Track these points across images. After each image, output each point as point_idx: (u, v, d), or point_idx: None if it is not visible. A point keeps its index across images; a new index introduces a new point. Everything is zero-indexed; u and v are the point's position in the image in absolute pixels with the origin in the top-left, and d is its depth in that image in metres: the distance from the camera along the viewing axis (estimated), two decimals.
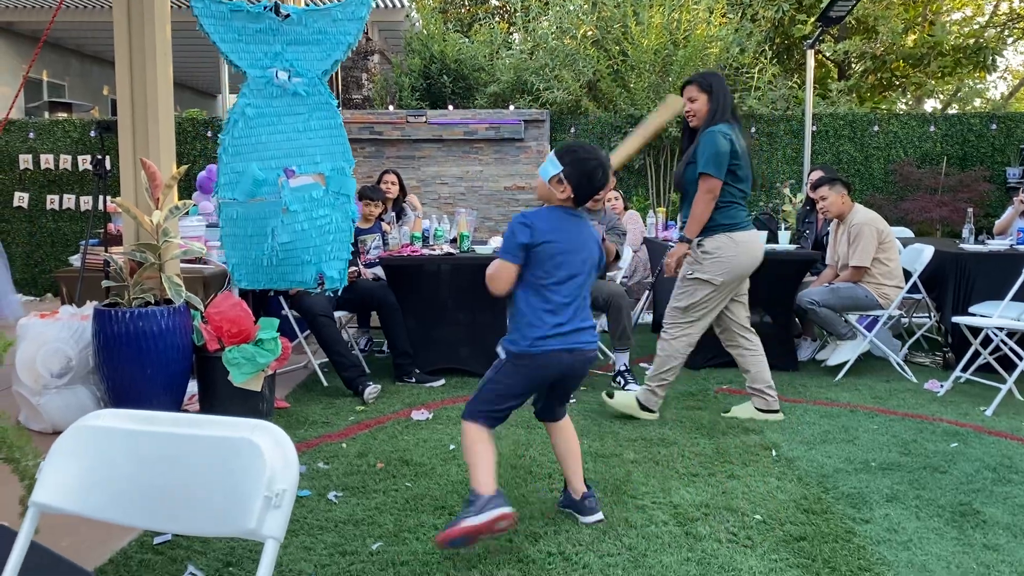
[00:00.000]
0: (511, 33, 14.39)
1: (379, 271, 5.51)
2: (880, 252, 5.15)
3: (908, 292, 5.32)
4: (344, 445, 3.85)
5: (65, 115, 9.89)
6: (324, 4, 3.99)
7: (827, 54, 14.19)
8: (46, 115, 10.34)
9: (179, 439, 1.28)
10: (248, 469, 1.21)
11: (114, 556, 2.65)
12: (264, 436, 1.24)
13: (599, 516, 2.92)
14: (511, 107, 9.35)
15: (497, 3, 19.71)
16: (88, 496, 1.28)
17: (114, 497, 1.27)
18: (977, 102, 17.66)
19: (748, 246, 4.09)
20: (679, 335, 4.21)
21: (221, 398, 3.98)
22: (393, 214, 6.24)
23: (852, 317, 5.24)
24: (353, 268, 5.30)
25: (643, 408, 4.26)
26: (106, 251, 4.39)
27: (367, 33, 9.83)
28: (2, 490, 2.41)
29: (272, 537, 1.18)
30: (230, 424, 1.28)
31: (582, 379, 2.96)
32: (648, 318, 7.01)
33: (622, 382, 4.94)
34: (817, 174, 6.01)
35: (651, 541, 2.78)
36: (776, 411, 4.28)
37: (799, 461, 3.61)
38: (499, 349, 2.79)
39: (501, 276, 2.71)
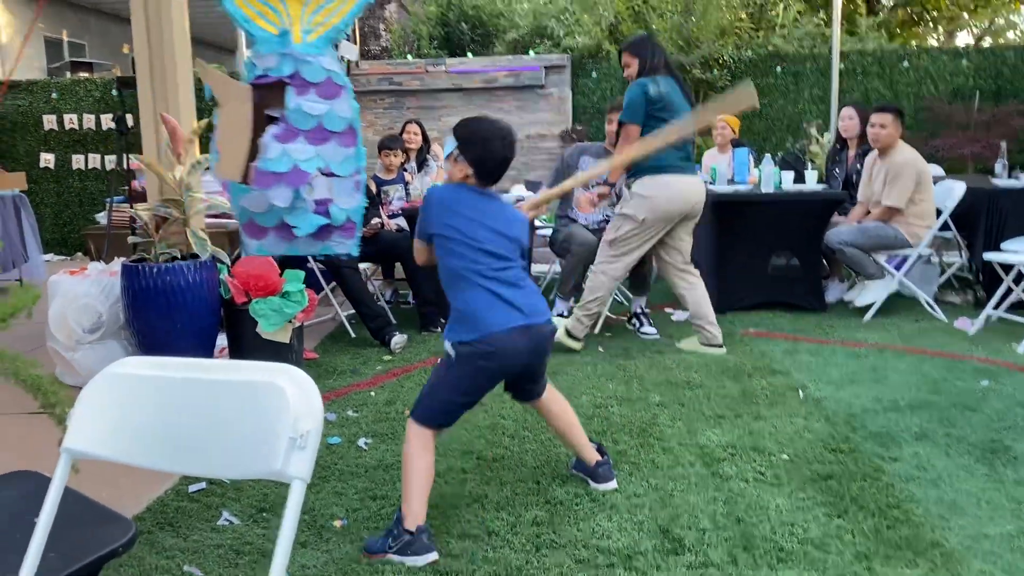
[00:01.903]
0: None
1: (402, 222, 5.51)
2: (915, 192, 5.04)
3: (939, 230, 5.22)
4: (372, 393, 3.89)
5: (87, 74, 9.90)
6: None
7: None
8: (68, 75, 10.35)
9: (204, 384, 1.30)
10: (272, 411, 1.22)
11: (151, 504, 2.72)
12: (287, 379, 1.25)
13: (613, 484, 2.76)
14: (531, 53, 9.22)
15: None
16: (117, 441, 1.30)
17: (142, 442, 1.29)
18: (1011, 35, 17.10)
19: (674, 188, 4.28)
20: (604, 268, 4.45)
21: (250, 350, 4.02)
22: (415, 164, 6.21)
23: (881, 257, 5.17)
24: (376, 220, 5.31)
25: (570, 336, 4.49)
26: (131, 208, 4.42)
27: None
28: (38, 441, 2.46)
29: (298, 477, 1.20)
30: (253, 368, 1.29)
31: (544, 357, 2.64)
32: None
33: (637, 324, 4.94)
34: (849, 111, 5.86)
35: (678, 481, 2.80)
36: (719, 346, 4.43)
37: (826, 401, 3.59)
38: (446, 344, 2.48)
39: (419, 252, 2.62)
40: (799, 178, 5.50)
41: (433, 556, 2.31)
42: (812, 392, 3.72)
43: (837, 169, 5.98)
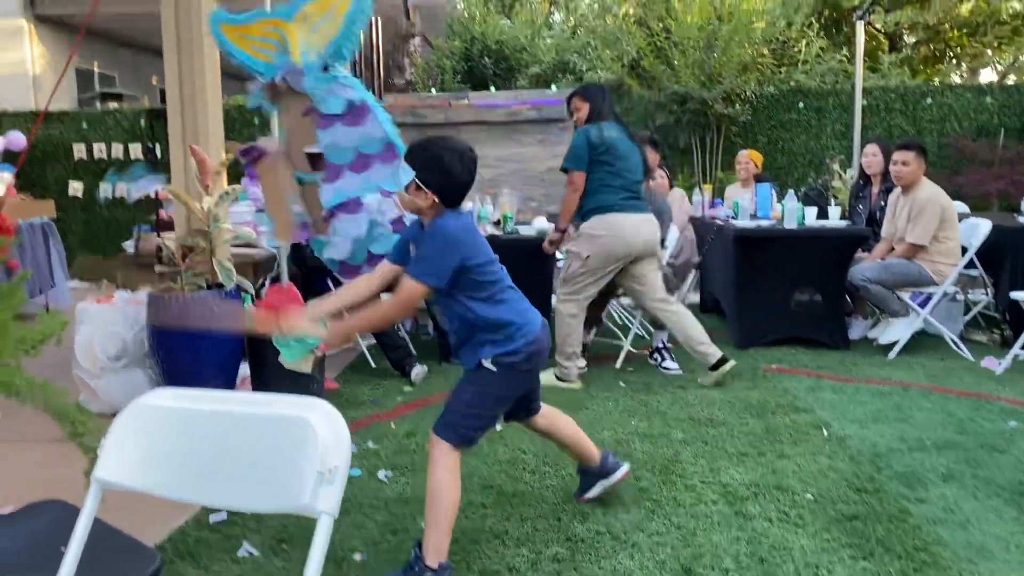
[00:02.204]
0: (552, 13, 14.29)
1: None
2: (940, 230, 5.01)
3: (964, 268, 5.18)
4: (393, 425, 3.89)
5: (116, 105, 10.10)
6: None
7: (878, 26, 13.83)
8: (98, 105, 10.56)
9: (234, 417, 1.30)
10: (301, 445, 1.23)
11: (172, 534, 2.72)
12: (316, 413, 1.26)
13: (626, 466, 2.86)
14: (553, 88, 9.29)
15: None
16: (147, 473, 1.31)
17: (172, 474, 1.30)
18: None
19: (618, 229, 4.39)
20: (561, 307, 4.54)
21: (272, 380, 4.04)
22: None
23: (905, 294, 5.13)
24: None
25: (563, 380, 4.52)
26: (158, 237, 4.48)
27: (408, 17, 9.85)
28: (63, 468, 2.48)
29: (326, 512, 1.20)
30: (283, 401, 1.30)
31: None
32: (695, 298, 6.95)
33: (659, 359, 4.93)
34: (872, 147, 5.86)
35: (700, 520, 2.77)
36: (726, 360, 4.48)
37: (851, 440, 3.55)
38: (485, 362, 2.41)
39: (411, 300, 2.39)
40: (822, 214, 5.48)
41: None
42: (836, 430, 3.68)
43: (860, 205, 5.96)
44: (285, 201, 3.68)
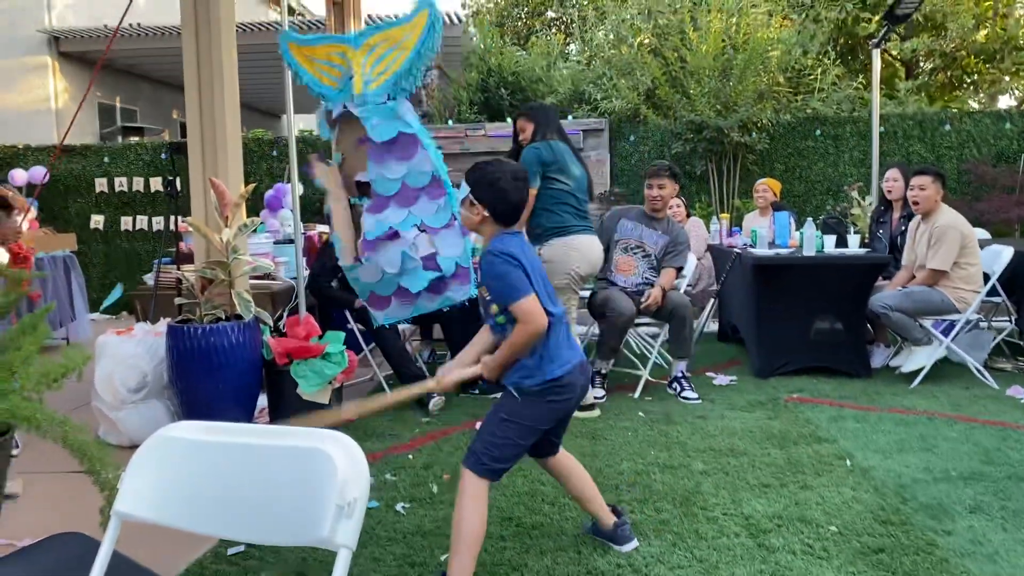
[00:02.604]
0: (568, 44, 14.40)
1: None
2: (961, 256, 4.97)
3: (987, 295, 5.13)
4: (410, 457, 3.87)
5: (137, 139, 10.23)
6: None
7: (894, 53, 13.84)
8: (119, 139, 10.71)
9: (253, 449, 1.30)
10: (320, 478, 1.22)
11: (190, 567, 2.71)
12: (335, 446, 1.25)
13: (635, 543, 2.75)
14: (570, 117, 9.35)
15: (553, 15, 19.76)
16: (166, 505, 1.30)
17: (191, 506, 1.29)
18: None
19: (581, 248, 4.43)
20: None
21: (290, 411, 4.04)
22: None
23: (927, 322, 5.07)
24: None
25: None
26: (178, 269, 4.52)
27: None
28: (82, 501, 2.48)
29: (345, 546, 1.19)
30: (302, 434, 1.30)
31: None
32: (714, 327, 6.90)
33: (677, 388, 4.88)
34: (894, 172, 5.83)
35: (723, 553, 2.72)
36: (593, 407, 4.53)
37: (875, 471, 3.49)
38: (510, 387, 2.49)
39: (535, 311, 2.39)
40: (841, 242, 5.45)
41: None
42: (859, 461, 3.63)
43: (881, 231, 5.92)
44: (349, 223, 3.74)
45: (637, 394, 4.89)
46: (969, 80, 14.30)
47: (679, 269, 5.09)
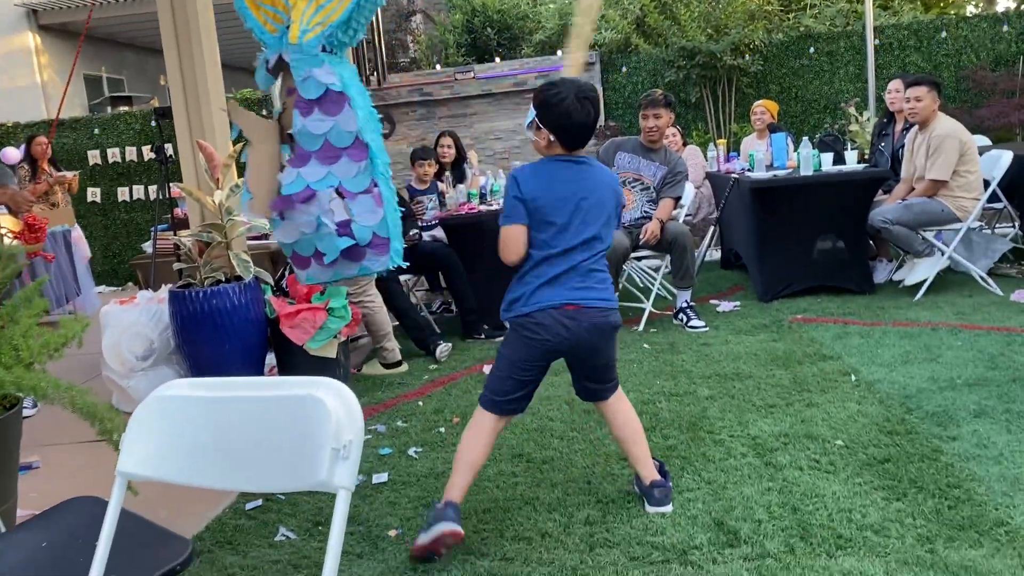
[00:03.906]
0: None
1: (439, 232, 5.54)
2: (960, 164, 4.91)
3: (988, 202, 5.09)
4: (420, 403, 3.92)
5: (127, 108, 10.15)
6: None
7: None
8: (108, 110, 10.63)
9: (247, 401, 1.32)
10: (314, 424, 1.24)
11: (210, 524, 2.77)
12: (327, 392, 1.27)
13: (667, 508, 2.53)
14: (559, 53, 9.21)
15: None
16: (167, 462, 1.33)
17: (191, 461, 1.32)
18: None
19: None
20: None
21: (298, 367, 4.08)
22: (450, 176, 6.22)
23: (929, 233, 5.05)
24: (413, 231, 5.34)
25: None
26: (175, 235, 4.52)
27: None
28: (100, 468, 2.53)
29: (343, 487, 1.21)
30: (294, 383, 1.31)
31: (602, 353, 2.55)
32: (716, 255, 6.89)
33: (684, 319, 4.88)
34: (896, 83, 5.73)
35: (730, 474, 2.77)
36: (400, 363, 4.57)
37: (880, 384, 3.52)
38: (504, 317, 2.58)
39: (504, 239, 2.44)
40: (839, 159, 5.40)
41: (446, 528, 2.29)
42: (865, 375, 3.65)
43: (883, 143, 5.85)
44: (267, 175, 3.62)
45: (641, 327, 4.91)
46: None
47: (677, 199, 5.05)
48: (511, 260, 2.46)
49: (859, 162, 5.50)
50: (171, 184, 4.89)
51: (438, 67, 9.34)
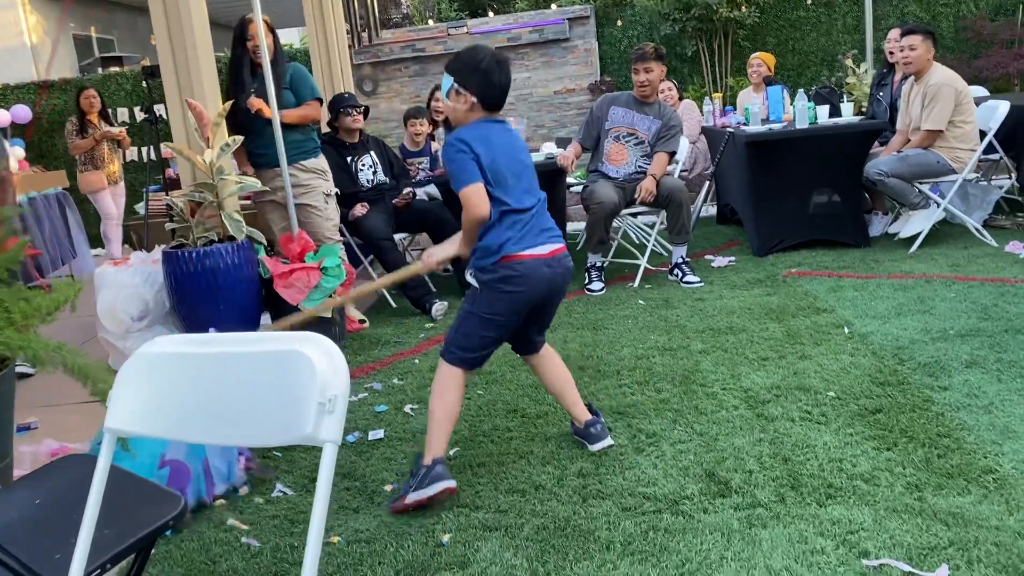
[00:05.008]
0: None
1: (432, 189, 5.51)
2: (956, 115, 4.87)
3: (984, 153, 5.06)
4: (416, 361, 3.93)
5: (118, 68, 10.03)
6: None
7: None
8: (99, 71, 10.50)
9: (232, 357, 1.32)
10: (300, 379, 1.24)
11: None
12: (313, 347, 1.27)
13: (608, 442, 2.68)
14: (553, 6, 9.08)
15: None
16: (154, 418, 1.34)
17: (178, 417, 1.32)
18: None
19: None
20: None
21: (294, 327, 4.08)
22: (444, 132, 6.18)
23: (924, 185, 5.03)
24: (408, 190, 5.32)
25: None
26: (167, 195, 4.49)
27: None
28: (92, 427, 2.54)
29: (330, 440, 1.22)
30: (279, 338, 1.31)
31: (563, 296, 2.67)
32: (711, 210, 6.87)
33: (679, 274, 4.88)
34: (895, 32, 5.65)
35: (722, 426, 2.79)
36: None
37: (873, 336, 3.53)
38: (469, 278, 2.56)
39: (473, 200, 2.40)
40: (835, 111, 5.36)
41: (445, 484, 2.37)
42: (858, 328, 3.66)
43: (882, 93, 5.79)
44: None
45: (636, 283, 4.91)
46: None
47: (672, 154, 5.02)
48: (483, 215, 2.43)
49: (855, 114, 5.45)
50: (163, 145, 4.84)
51: (431, 23, 9.21)
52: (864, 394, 2.93)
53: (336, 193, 4.67)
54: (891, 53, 5.68)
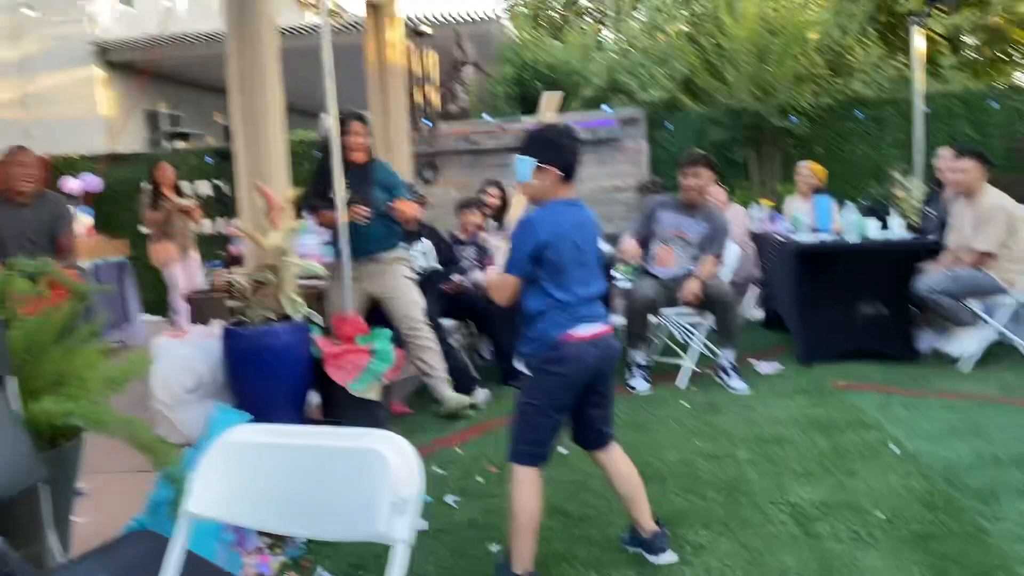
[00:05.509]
0: (601, 32, 14.34)
1: (479, 278, 5.60)
2: (1008, 236, 4.89)
3: None
4: (459, 450, 3.95)
5: (183, 144, 10.46)
6: None
7: (936, 30, 13.53)
8: (166, 145, 10.96)
9: (310, 450, 1.38)
10: (374, 477, 1.29)
11: None
12: (389, 446, 1.32)
13: (671, 557, 2.65)
14: (606, 108, 9.33)
15: (588, 3, 19.70)
16: (233, 505, 1.39)
17: (256, 505, 1.37)
18: None
19: None
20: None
21: (341, 407, 4.14)
22: (494, 223, 6.31)
23: (975, 304, 5.00)
24: (458, 278, 5.42)
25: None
26: (229, 272, 4.64)
27: (460, 46, 10.01)
28: (141, 497, 2.59)
29: (401, 540, 1.26)
30: (358, 435, 1.37)
31: (612, 376, 2.70)
32: (759, 314, 6.87)
33: (725, 377, 4.88)
34: (947, 151, 5.72)
35: (769, 541, 2.75)
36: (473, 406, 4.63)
37: (923, 457, 3.48)
38: (519, 365, 2.63)
39: (502, 289, 2.59)
40: (884, 225, 5.40)
41: None
42: (907, 447, 3.61)
43: (933, 209, 5.82)
44: None
45: (681, 384, 4.90)
46: (1016, 54, 13.94)
47: (719, 256, 5.08)
48: (503, 303, 2.62)
49: (905, 230, 5.48)
50: (226, 220, 5.02)
51: (486, 117, 9.51)
52: (914, 518, 2.88)
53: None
54: (941, 171, 5.74)
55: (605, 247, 5.62)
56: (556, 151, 2.59)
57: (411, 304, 4.64)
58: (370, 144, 4.70)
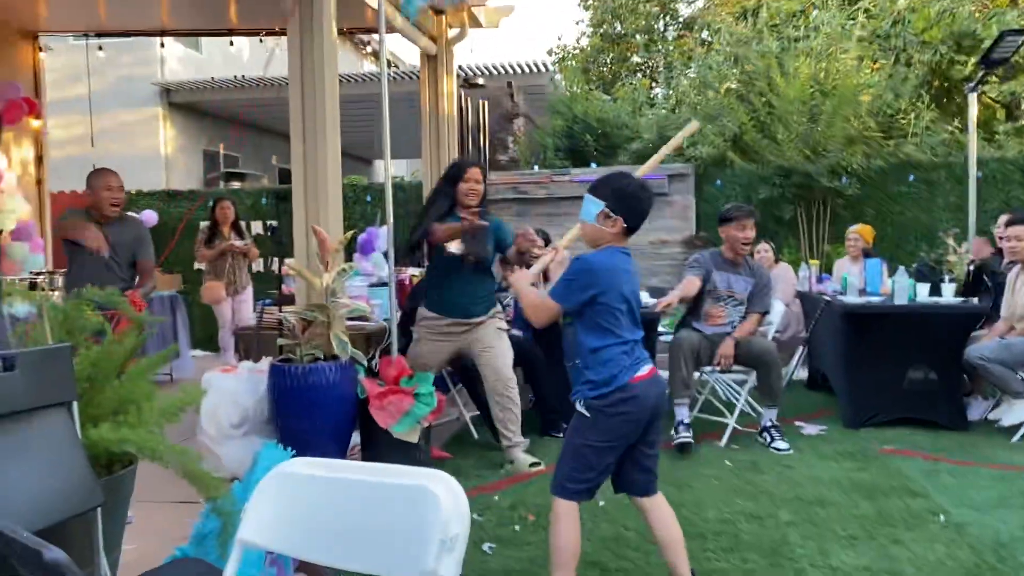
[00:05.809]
0: (653, 90, 14.51)
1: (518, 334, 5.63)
2: None
3: None
4: (496, 497, 3.95)
5: (239, 184, 10.76)
6: None
7: (992, 95, 13.45)
8: (222, 184, 11.29)
9: (365, 486, 1.42)
10: (426, 514, 1.32)
11: None
12: (439, 485, 1.36)
13: None
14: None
15: (639, 60, 19.95)
16: (285, 535, 1.43)
17: (307, 536, 1.41)
18: None
19: None
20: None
21: (381, 448, 4.18)
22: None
23: None
24: (504, 326, 5.46)
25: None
26: (280, 311, 4.75)
27: (512, 97, 10.21)
28: (184, 527, 2.65)
29: None
30: (408, 473, 1.41)
31: (662, 416, 2.74)
32: (803, 374, 6.79)
33: (768, 438, 4.82)
34: (1005, 218, 5.68)
35: None
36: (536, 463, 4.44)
37: (970, 527, 3.40)
38: (579, 407, 2.64)
39: (542, 313, 2.65)
40: (935, 290, 5.34)
41: None
42: (954, 516, 3.53)
43: (989, 279, 5.73)
44: None
45: (724, 442, 4.86)
46: None
47: (764, 314, 5.06)
48: (538, 325, 2.69)
49: (957, 294, 5.41)
50: (284, 262, 5.16)
51: (536, 168, 9.64)
52: None
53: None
54: (1000, 239, 5.68)
55: (649, 301, 5.64)
56: (628, 203, 2.62)
57: (504, 356, 4.57)
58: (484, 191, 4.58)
